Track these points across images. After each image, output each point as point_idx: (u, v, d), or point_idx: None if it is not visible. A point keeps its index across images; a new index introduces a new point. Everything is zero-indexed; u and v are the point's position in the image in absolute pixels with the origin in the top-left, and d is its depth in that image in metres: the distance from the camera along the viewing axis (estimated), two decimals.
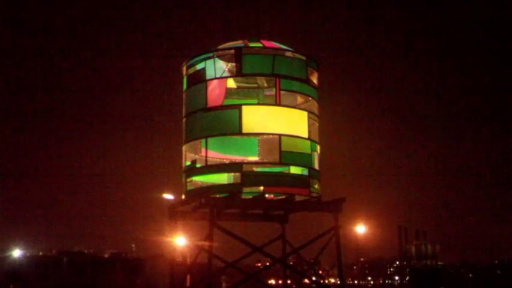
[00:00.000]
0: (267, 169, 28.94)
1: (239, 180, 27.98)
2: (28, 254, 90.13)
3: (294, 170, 28.80)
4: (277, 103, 28.59)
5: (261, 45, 29.61)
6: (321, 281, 34.47)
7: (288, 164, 28.65)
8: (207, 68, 29.33)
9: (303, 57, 29.77)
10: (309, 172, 29.00)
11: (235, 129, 28.20)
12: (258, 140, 29.01)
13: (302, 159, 28.77)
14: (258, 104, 29.83)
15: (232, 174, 28.61)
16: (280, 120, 28.57)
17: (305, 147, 28.90)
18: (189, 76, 30.52)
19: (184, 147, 30.17)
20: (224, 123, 28.39)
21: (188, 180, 29.70)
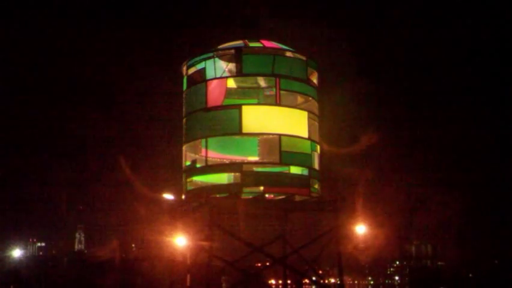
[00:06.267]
0: (267, 169, 28.92)
1: (239, 180, 27.97)
2: (28, 254, 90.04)
3: (294, 170, 28.79)
4: (277, 103, 28.59)
5: (261, 45, 29.60)
6: (321, 281, 34.42)
7: (288, 164, 28.64)
8: (207, 68, 29.32)
9: (303, 57, 29.76)
10: (309, 172, 28.99)
11: (235, 129, 28.20)
12: (258, 140, 29.01)
13: (302, 159, 28.76)
14: (258, 104, 29.85)
15: (232, 174, 28.60)
16: (280, 120, 28.57)
17: (305, 147, 28.90)
18: (189, 76, 30.51)
19: (184, 147, 30.16)
20: (224, 123, 28.38)
21: (189, 180, 29.69)
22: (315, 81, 30.64)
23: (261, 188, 28.34)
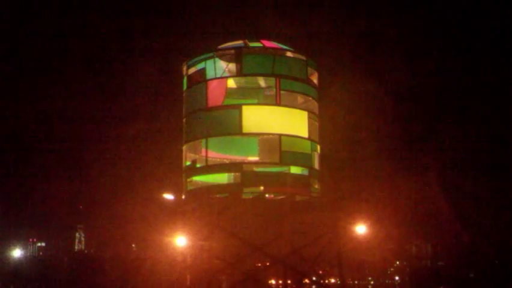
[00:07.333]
0: (267, 169, 28.96)
1: (239, 180, 28.00)
2: (28, 254, 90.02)
3: (294, 170, 28.82)
4: (278, 103, 28.63)
5: (261, 45, 29.64)
6: (321, 281, 34.44)
7: (288, 164, 28.68)
8: (207, 68, 29.36)
9: (303, 57, 29.79)
10: (309, 172, 29.02)
11: (235, 129, 28.23)
12: (258, 140, 29.04)
13: (302, 159, 28.79)
14: (258, 104, 29.88)
15: (232, 174, 28.64)
16: (280, 120, 28.61)
17: (305, 147, 28.93)
18: (189, 76, 30.54)
19: (184, 147, 30.19)
20: (224, 123, 28.43)
21: (189, 180, 29.73)
22: (315, 81, 30.68)
23: (261, 188, 28.38)
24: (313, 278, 33.79)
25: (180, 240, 36.78)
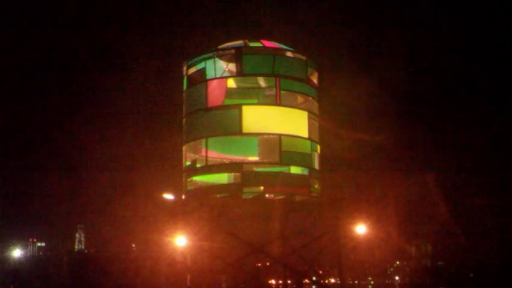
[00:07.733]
0: (267, 169, 28.95)
1: (239, 180, 28.00)
2: (28, 254, 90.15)
3: (294, 170, 28.82)
4: (278, 103, 28.62)
5: (261, 45, 29.64)
6: (321, 281, 34.43)
7: (288, 164, 28.68)
8: (207, 68, 29.35)
9: (303, 57, 29.79)
10: (309, 172, 29.02)
11: (235, 129, 28.23)
12: (258, 140, 29.03)
13: (302, 159, 28.79)
14: (258, 104, 29.88)
15: (232, 174, 28.64)
16: (280, 120, 28.60)
17: (305, 147, 28.92)
18: (189, 76, 30.54)
19: (184, 147, 30.19)
20: (224, 123, 28.42)
21: (189, 180, 29.73)
22: (315, 81, 30.68)
23: (261, 188, 28.37)
24: (313, 278, 33.78)
25: (180, 240, 36.77)
